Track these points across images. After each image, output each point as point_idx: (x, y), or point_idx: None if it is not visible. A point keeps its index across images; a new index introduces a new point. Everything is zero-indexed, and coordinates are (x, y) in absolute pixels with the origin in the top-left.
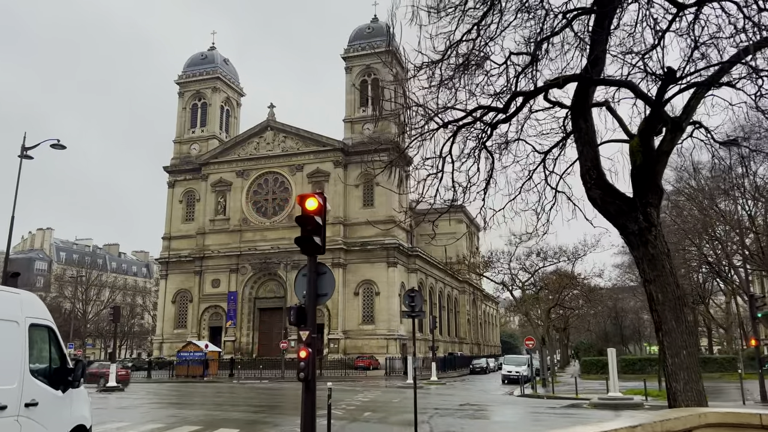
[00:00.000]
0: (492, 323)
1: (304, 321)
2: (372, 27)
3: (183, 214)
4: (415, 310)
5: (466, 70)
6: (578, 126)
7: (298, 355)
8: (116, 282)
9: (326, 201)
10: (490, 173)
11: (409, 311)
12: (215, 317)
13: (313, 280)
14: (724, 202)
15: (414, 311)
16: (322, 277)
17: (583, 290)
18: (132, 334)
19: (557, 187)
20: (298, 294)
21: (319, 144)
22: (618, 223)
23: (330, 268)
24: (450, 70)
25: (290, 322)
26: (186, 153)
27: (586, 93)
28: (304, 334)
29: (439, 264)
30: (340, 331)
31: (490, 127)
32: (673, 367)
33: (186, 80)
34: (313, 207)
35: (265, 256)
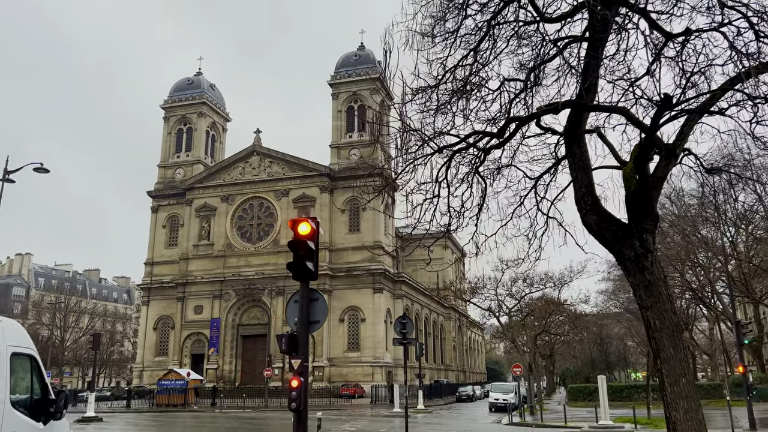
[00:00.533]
0: (478, 350)
1: (296, 349)
2: (359, 54)
3: (166, 239)
4: (407, 337)
5: (462, 95)
6: (572, 151)
7: (289, 384)
8: (96, 308)
9: (319, 225)
10: (483, 198)
11: (400, 338)
12: (197, 344)
13: (305, 307)
14: (705, 228)
15: (405, 338)
16: (314, 303)
17: (570, 316)
18: (111, 362)
19: (549, 213)
20: (290, 321)
21: (306, 169)
22: (614, 249)
23: (322, 295)
24: (446, 94)
25: (281, 350)
26: (170, 178)
27: (579, 119)
28: (296, 363)
29: (426, 290)
30: (325, 359)
31: (483, 152)
32: (672, 396)
33: (172, 105)
34: (305, 232)
35: (249, 282)
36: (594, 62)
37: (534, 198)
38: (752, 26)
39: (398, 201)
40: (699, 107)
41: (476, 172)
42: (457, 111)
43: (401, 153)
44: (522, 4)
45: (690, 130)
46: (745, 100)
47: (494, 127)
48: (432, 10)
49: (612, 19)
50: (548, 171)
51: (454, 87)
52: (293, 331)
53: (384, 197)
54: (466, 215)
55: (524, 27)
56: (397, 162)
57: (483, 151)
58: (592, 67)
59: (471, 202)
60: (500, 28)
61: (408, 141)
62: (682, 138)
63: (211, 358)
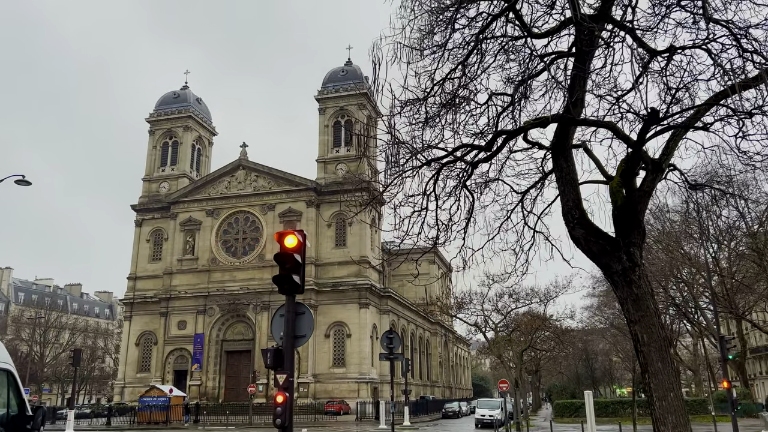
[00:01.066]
0: (463, 366)
1: (281, 363)
2: (346, 70)
3: (150, 253)
4: (393, 352)
5: (450, 108)
6: (559, 165)
7: (274, 400)
8: (77, 324)
9: (305, 238)
10: (470, 212)
11: (387, 353)
12: (180, 360)
13: (291, 321)
14: (689, 245)
15: (392, 353)
16: (300, 317)
17: (556, 332)
18: (92, 378)
19: (535, 228)
20: (275, 335)
21: (292, 183)
22: (601, 262)
23: (308, 308)
24: (434, 107)
25: (266, 364)
26: (155, 191)
27: (566, 133)
28: (281, 378)
29: (412, 305)
30: (310, 375)
31: (471, 166)
32: (660, 411)
33: (157, 118)
34: (292, 244)
35: (233, 297)
36: (581, 76)
37: (521, 212)
38: (737, 41)
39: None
40: (684, 122)
41: (464, 185)
42: (446, 124)
43: (390, 165)
44: (509, 19)
45: (676, 144)
46: (730, 116)
47: (482, 141)
48: (420, 23)
49: (599, 33)
50: (535, 185)
51: (442, 100)
52: (279, 346)
53: (371, 212)
54: (454, 228)
55: (511, 42)
56: (386, 174)
57: (471, 165)
58: (579, 81)
59: (458, 216)
60: (488, 42)
61: (396, 153)
62: (668, 152)
63: (195, 374)
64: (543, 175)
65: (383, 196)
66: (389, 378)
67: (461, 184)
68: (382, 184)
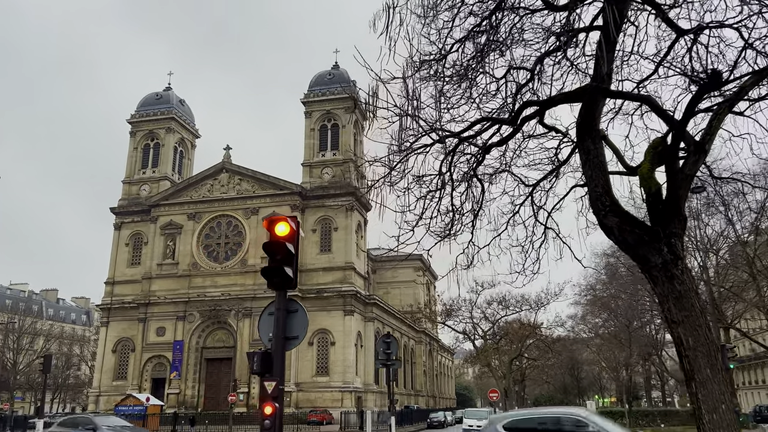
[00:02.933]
0: (448, 375)
1: (270, 369)
2: (333, 73)
3: (129, 257)
4: (391, 358)
5: (467, 77)
6: (586, 148)
7: (261, 411)
8: (52, 330)
9: (299, 226)
10: (480, 203)
11: (384, 359)
12: (159, 368)
13: (281, 320)
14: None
15: (389, 359)
16: (292, 315)
17: (546, 340)
18: (66, 386)
19: (546, 223)
20: (263, 336)
21: (276, 187)
22: (638, 254)
23: (302, 306)
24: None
25: (252, 370)
26: (135, 194)
27: (593, 111)
28: (270, 385)
29: (397, 313)
30: (292, 384)
31: (483, 151)
32: (711, 425)
33: (139, 120)
34: (283, 232)
35: (214, 303)
36: (607, 51)
37: (531, 206)
38: None
39: (370, 221)
40: (730, 98)
41: (474, 173)
42: (462, 97)
43: (399, 140)
44: None
45: (720, 123)
46: None
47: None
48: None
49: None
50: (546, 177)
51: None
52: (267, 349)
53: (356, 217)
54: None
55: (531, 15)
56: (392, 151)
57: (483, 150)
58: (605, 56)
59: (465, 207)
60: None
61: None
62: (711, 132)
63: (173, 382)
64: (557, 166)
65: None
66: (374, 387)
67: (471, 171)
68: (388, 165)
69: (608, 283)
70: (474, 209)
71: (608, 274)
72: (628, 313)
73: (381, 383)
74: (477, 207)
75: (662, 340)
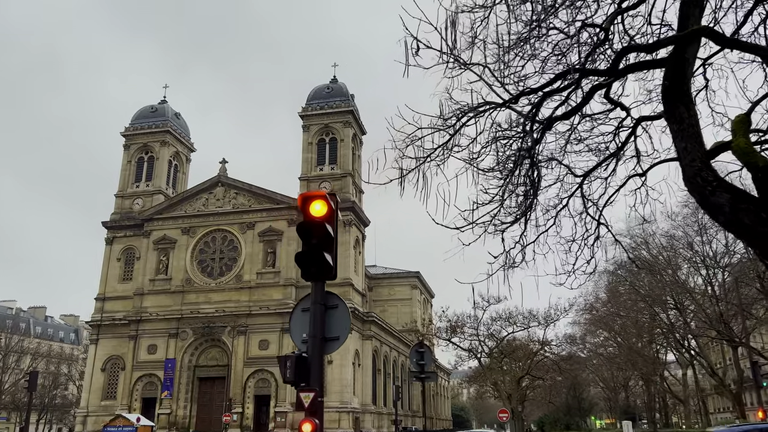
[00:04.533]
0: (444, 395)
1: (306, 377)
2: (331, 87)
3: (120, 273)
4: (425, 370)
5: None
6: (678, 116)
7: (300, 429)
8: (39, 348)
9: (338, 205)
10: (535, 192)
11: (417, 372)
12: (149, 387)
13: (319, 317)
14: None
15: (423, 372)
16: (332, 312)
17: (554, 358)
18: (54, 406)
19: (599, 219)
20: (295, 337)
21: (273, 201)
22: (755, 239)
23: (343, 300)
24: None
25: (285, 378)
26: (128, 208)
27: (683, 69)
28: (307, 398)
29: (395, 331)
30: (287, 404)
31: (543, 127)
32: None
33: (133, 132)
34: (320, 212)
35: (208, 320)
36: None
37: (581, 199)
38: None
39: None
40: None
41: (529, 156)
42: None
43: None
44: None
45: None
46: None
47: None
48: None
49: None
50: (600, 165)
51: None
52: (302, 352)
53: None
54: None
55: None
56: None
57: (545, 123)
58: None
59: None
60: None
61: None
62: None
63: (164, 402)
64: (618, 148)
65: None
66: (371, 407)
67: (526, 153)
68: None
69: (608, 302)
70: (528, 199)
71: (608, 292)
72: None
73: (378, 403)
74: (532, 196)
75: (664, 360)
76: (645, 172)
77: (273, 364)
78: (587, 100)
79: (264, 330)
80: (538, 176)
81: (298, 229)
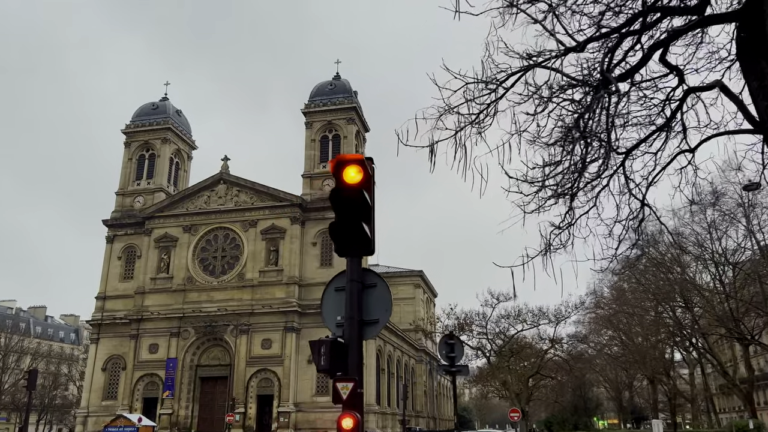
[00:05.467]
0: (446, 395)
1: (342, 366)
2: (334, 84)
3: (121, 271)
4: (456, 363)
5: None
6: (757, 71)
7: (338, 425)
8: (39, 348)
9: (374, 172)
10: (583, 165)
11: (447, 365)
12: (151, 387)
13: (356, 297)
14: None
15: (454, 365)
16: (370, 291)
17: (567, 356)
18: (54, 407)
19: (644, 199)
20: (328, 320)
21: (276, 199)
22: None
23: (382, 279)
24: None
25: (319, 366)
26: (129, 206)
27: (762, 19)
28: (345, 388)
29: (398, 330)
30: (291, 404)
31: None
32: None
33: (134, 130)
34: (355, 178)
35: (210, 319)
36: None
37: (624, 177)
38: None
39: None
40: None
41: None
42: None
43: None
44: None
45: None
46: None
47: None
48: None
49: None
50: (646, 140)
51: None
52: (337, 336)
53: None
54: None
55: None
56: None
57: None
58: None
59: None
60: None
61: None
62: None
63: (166, 402)
64: (666, 120)
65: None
66: (375, 407)
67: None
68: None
69: (613, 301)
70: (577, 171)
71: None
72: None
73: (383, 403)
74: (581, 168)
75: (671, 359)
76: (695, 148)
77: (276, 363)
78: (645, 61)
79: (267, 329)
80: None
81: (332, 197)
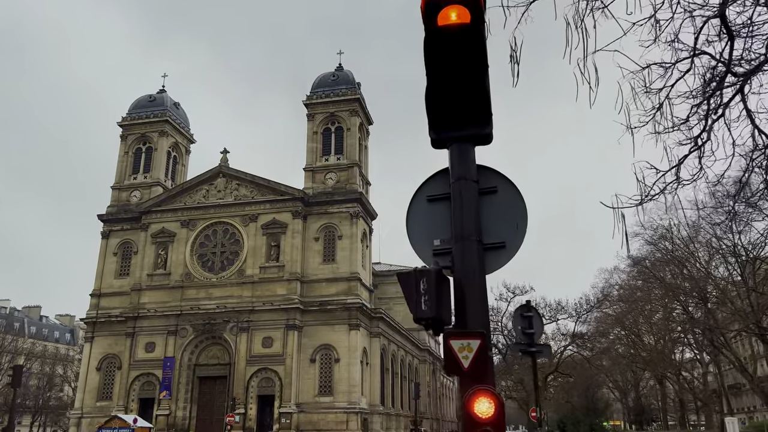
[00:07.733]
0: (449, 396)
1: (457, 311)
2: (337, 75)
3: (117, 267)
4: (534, 341)
5: None
6: None
7: (468, 410)
8: (34, 348)
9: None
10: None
11: (525, 343)
12: (147, 387)
13: (470, 205)
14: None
15: (533, 343)
16: (488, 199)
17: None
18: (48, 408)
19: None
20: (419, 244)
21: (277, 193)
22: None
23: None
24: None
25: (417, 313)
26: (125, 200)
27: None
28: (466, 349)
29: (402, 329)
30: (293, 404)
31: None
32: None
33: (131, 122)
34: (461, 18)
35: (209, 317)
36: None
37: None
38: None
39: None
40: None
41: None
42: None
43: None
44: None
45: None
46: None
47: None
48: None
49: None
50: None
51: None
52: (440, 267)
53: (362, 225)
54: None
55: None
56: None
57: None
58: None
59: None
60: None
61: None
62: None
63: (163, 402)
64: None
65: (374, 211)
66: (380, 408)
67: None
68: None
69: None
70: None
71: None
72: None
73: (387, 404)
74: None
75: (681, 359)
76: None
77: (277, 362)
78: None
79: (267, 327)
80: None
81: (426, 44)
